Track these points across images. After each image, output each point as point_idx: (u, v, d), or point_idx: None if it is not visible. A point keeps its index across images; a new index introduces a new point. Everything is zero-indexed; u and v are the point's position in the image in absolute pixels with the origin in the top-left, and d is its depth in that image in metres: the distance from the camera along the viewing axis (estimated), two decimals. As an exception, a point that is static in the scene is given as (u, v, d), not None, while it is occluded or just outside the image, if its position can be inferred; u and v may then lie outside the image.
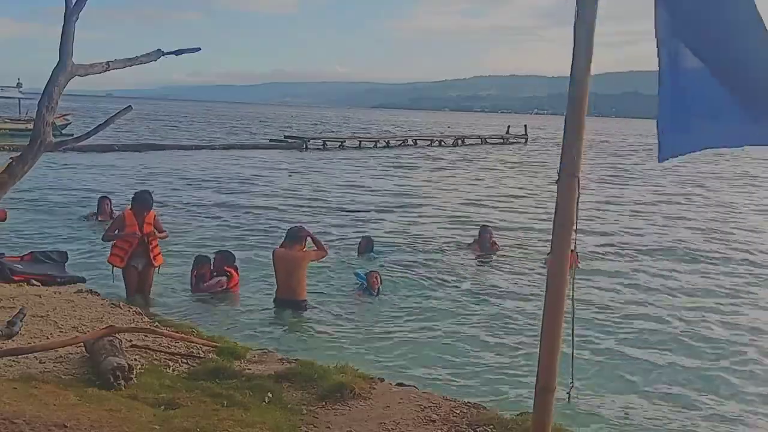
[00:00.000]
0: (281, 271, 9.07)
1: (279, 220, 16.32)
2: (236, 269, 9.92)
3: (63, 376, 5.13)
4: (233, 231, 14.86)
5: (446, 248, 13.79)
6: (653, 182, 30.32)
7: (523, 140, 63.92)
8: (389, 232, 15.58)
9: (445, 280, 11.15)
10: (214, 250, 10.64)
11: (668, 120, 2.79)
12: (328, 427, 4.63)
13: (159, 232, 9.19)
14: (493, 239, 13.59)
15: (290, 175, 27.60)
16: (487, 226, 14.08)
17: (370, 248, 12.66)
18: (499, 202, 22.24)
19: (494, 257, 13.13)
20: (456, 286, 10.85)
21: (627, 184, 29.16)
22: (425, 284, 10.83)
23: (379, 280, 10.15)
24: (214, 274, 9.73)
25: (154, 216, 9.22)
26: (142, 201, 9.01)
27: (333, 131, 67.52)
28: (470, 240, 13.88)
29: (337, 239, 14.11)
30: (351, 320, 8.88)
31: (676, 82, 2.72)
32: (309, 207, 19.03)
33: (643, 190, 27.30)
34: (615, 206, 21.65)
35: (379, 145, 49.91)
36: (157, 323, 7.06)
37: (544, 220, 16.63)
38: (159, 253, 9.19)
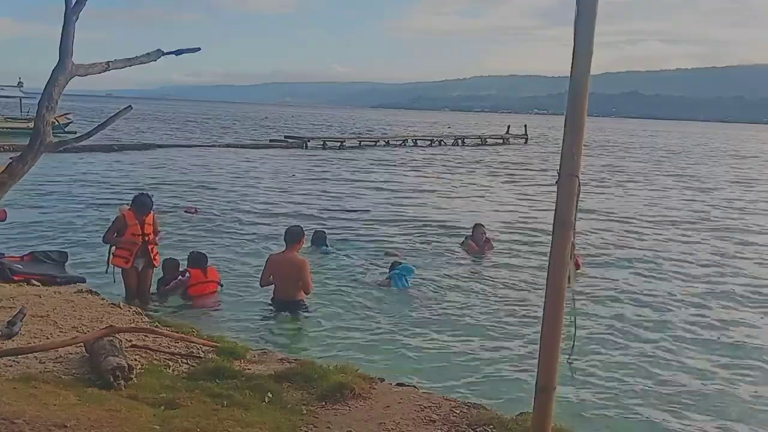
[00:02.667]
0: (279, 273, 9.03)
1: (277, 219, 16.33)
2: (204, 270, 9.50)
3: (63, 376, 5.13)
4: (232, 230, 14.85)
5: (442, 247, 13.79)
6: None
7: (523, 140, 63.90)
8: (386, 232, 15.61)
9: (441, 280, 11.12)
10: (217, 250, 10.67)
11: None
12: (328, 427, 4.63)
13: (155, 233, 9.23)
14: (487, 237, 13.58)
15: (293, 175, 27.69)
16: (481, 224, 14.08)
17: (322, 241, 12.86)
18: (498, 201, 22.26)
19: (490, 255, 13.13)
20: (453, 285, 10.83)
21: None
22: (423, 284, 10.81)
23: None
24: (179, 277, 9.41)
25: (154, 217, 9.24)
26: (141, 204, 9.01)
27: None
28: (462, 239, 13.84)
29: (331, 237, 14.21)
30: (351, 320, 8.87)
31: None
32: (306, 206, 19.08)
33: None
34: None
35: (379, 144, 49.91)
36: (157, 323, 7.06)
37: (542, 219, 16.65)
38: (158, 253, 9.21)
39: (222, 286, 9.76)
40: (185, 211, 16.61)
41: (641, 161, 45.39)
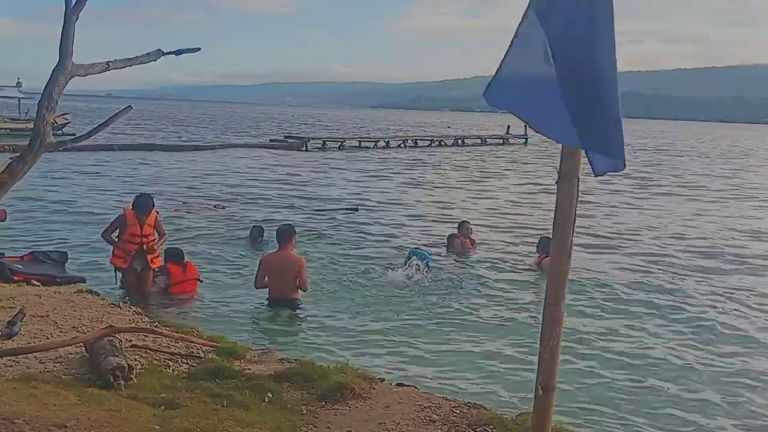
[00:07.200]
0: (275, 273, 9.07)
1: (274, 219, 16.33)
2: (183, 266, 9.52)
3: (63, 376, 5.13)
4: (230, 230, 14.84)
5: (434, 246, 13.77)
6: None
7: (523, 140, 63.82)
8: (380, 230, 15.67)
9: (437, 280, 11.06)
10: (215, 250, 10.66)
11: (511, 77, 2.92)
12: (328, 427, 4.63)
13: (160, 235, 9.23)
14: (471, 236, 13.56)
15: (287, 174, 27.81)
16: (466, 221, 14.07)
17: (261, 236, 13.26)
18: (497, 201, 22.26)
19: (480, 254, 13.11)
20: (450, 285, 10.77)
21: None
22: (420, 284, 10.77)
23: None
24: (158, 272, 9.38)
25: (156, 217, 9.24)
26: (141, 205, 9.02)
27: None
28: (447, 237, 13.77)
29: (328, 233, 14.55)
30: (351, 320, 8.86)
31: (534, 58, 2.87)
32: (302, 205, 19.16)
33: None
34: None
35: (379, 145, 49.91)
36: (157, 323, 7.07)
37: (541, 219, 16.66)
38: (157, 256, 9.21)
39: (201, 281, 9.80)
40: (214, 206, 17.55)
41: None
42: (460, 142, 57.49)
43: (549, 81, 2.83)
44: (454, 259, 12.74)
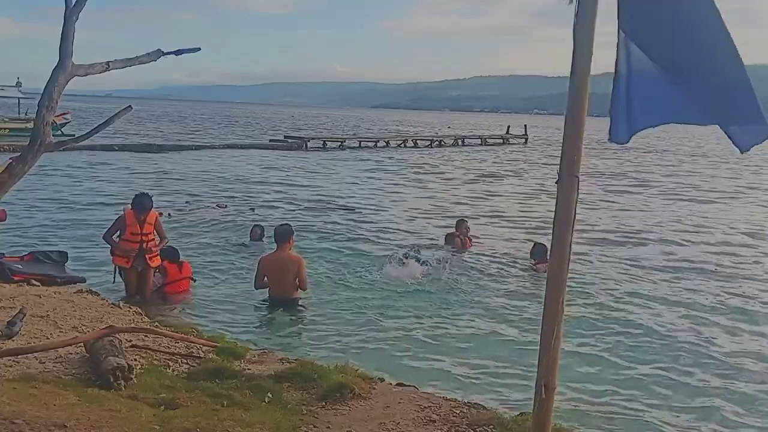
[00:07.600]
0: (274, 272, 9.11)
1: (274, 218, 16.34)
2: (179, 265, 9.55)
3: (63, 376, 5.13)
4: (231, 229, 14.84)
5: (433, 245, 13.76)
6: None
7: (523, 140, 63.89)
8: (380, 230, 15.68)
9: (437, 279, 11.07)
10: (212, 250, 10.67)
11: (621, 111, 3.00)
12: (328, 427, 4.63)
13: (160, 237, 9.23)
14: (469, 235, 13.55)
15: (286, 174, 27.84)
16: (464, 219, 14.06)
17: (261, 235, 13.23)
18: (496, 200, 22.26)
19: (476, 252, 13.10)
20: (449, 284, 10.77)
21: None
22: (420, 282, 10.77)
23: None
24: (156, 271, 9.39)
25: (156, 217, 9.24)
26: (140, 205, 9.02)
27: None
28: (445, 235, 13.81)
29: (327, 233, 14.57)
30: (351, 320, 8.86)
31: (630, 79, 2.94)
32: (302, 205, 19.19)
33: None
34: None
35: (379, 145, 49.95)
36: (157, 323, 7.07)
37: (540, 219, 16.65)
38: (156, 255, 9.22)
39: (195, 280, 9.79)
40: (216, 205, 17.47)
41: None
42: (460, 142, 57.56)
43: (659, 79, 2.84)
44: (453, 258, 12.73)
